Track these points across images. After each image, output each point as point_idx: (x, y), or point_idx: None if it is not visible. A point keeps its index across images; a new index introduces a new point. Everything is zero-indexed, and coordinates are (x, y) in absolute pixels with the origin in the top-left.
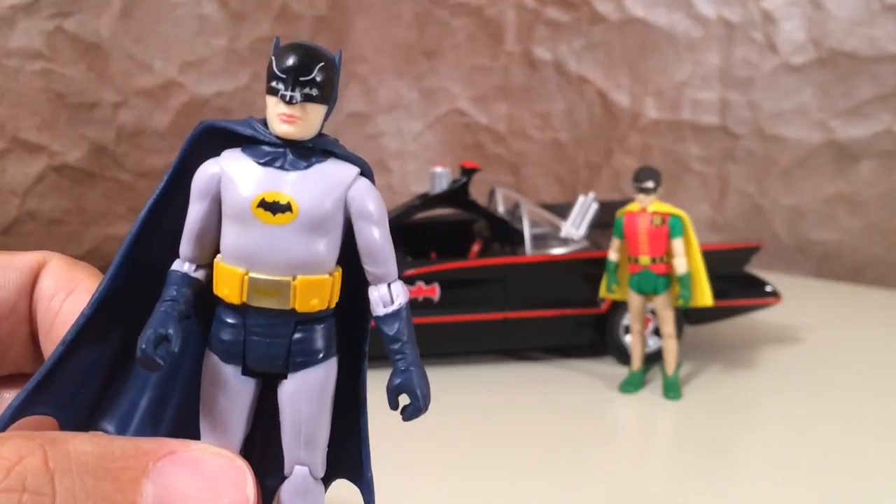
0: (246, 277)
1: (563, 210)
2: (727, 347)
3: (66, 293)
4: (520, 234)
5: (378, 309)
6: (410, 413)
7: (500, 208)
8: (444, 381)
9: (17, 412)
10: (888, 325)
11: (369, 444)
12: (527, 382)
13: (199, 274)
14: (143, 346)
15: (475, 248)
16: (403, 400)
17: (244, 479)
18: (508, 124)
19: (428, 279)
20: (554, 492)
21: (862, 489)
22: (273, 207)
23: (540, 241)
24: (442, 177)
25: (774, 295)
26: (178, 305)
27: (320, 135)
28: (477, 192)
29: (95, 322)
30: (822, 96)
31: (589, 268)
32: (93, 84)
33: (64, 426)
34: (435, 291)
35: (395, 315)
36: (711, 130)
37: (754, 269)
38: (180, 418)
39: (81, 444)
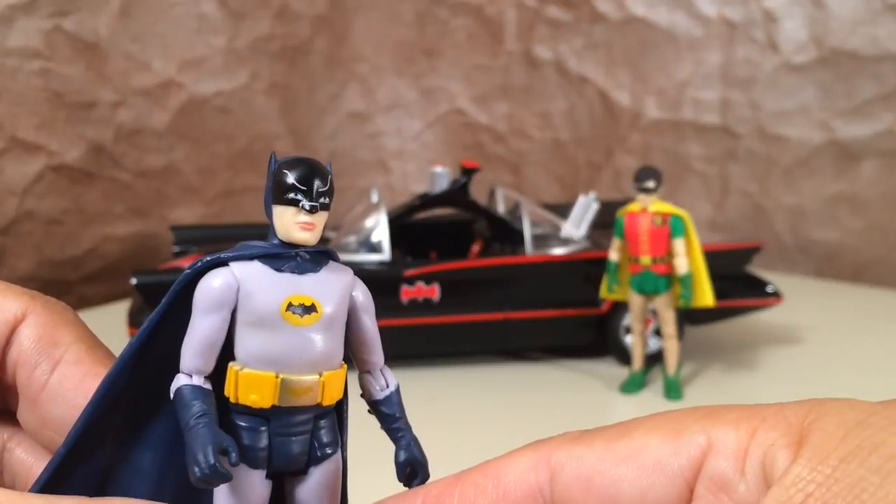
0: (278, 380)
1: (563, 210)
2: (728, 348)
3: (51, 364)
4: (520, 234)
5: (377, 393)
6: (419, 483)
7: (501, 208)
8: (445, 381)
9: None
10: (889, 325)
11: None
12: (527, 383)
13: (208, 385)
14: (213, 463)
15: (475, 248)
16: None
17: None
18: (508, 124)
19: (428, 279)
20: None
21: None
22: (300, 310)
23: (540, 241)
24: (442, 176)
25: (775, 295)
26: (213, 418)
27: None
28: (477, 192)
29: (85, 438)
30: (824, 96)
31: (589, 268)
32: (91, 83)
33: None
34: (435, 291)
35: (391, 396)
36: (712, 130)
37: (755, 268)
38: None
39: None
